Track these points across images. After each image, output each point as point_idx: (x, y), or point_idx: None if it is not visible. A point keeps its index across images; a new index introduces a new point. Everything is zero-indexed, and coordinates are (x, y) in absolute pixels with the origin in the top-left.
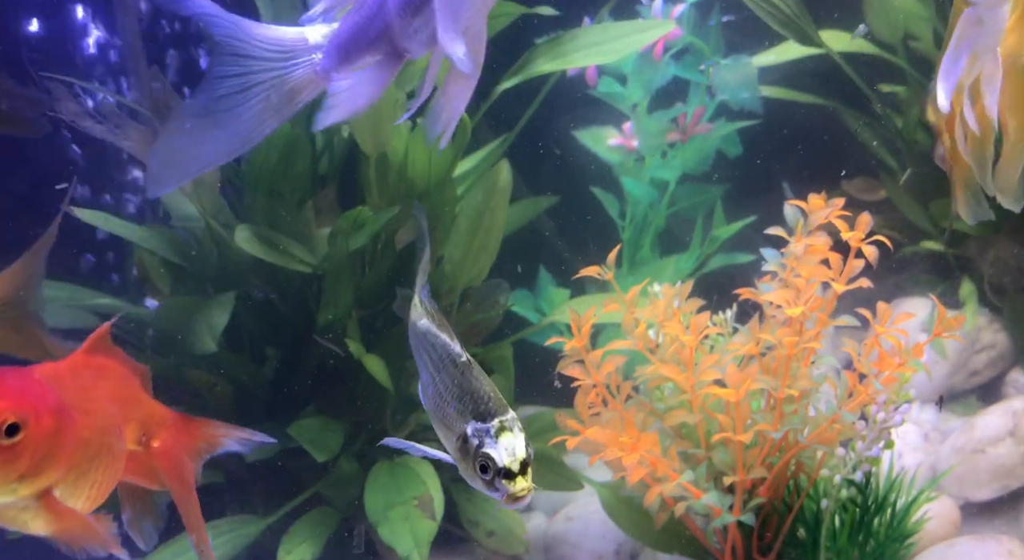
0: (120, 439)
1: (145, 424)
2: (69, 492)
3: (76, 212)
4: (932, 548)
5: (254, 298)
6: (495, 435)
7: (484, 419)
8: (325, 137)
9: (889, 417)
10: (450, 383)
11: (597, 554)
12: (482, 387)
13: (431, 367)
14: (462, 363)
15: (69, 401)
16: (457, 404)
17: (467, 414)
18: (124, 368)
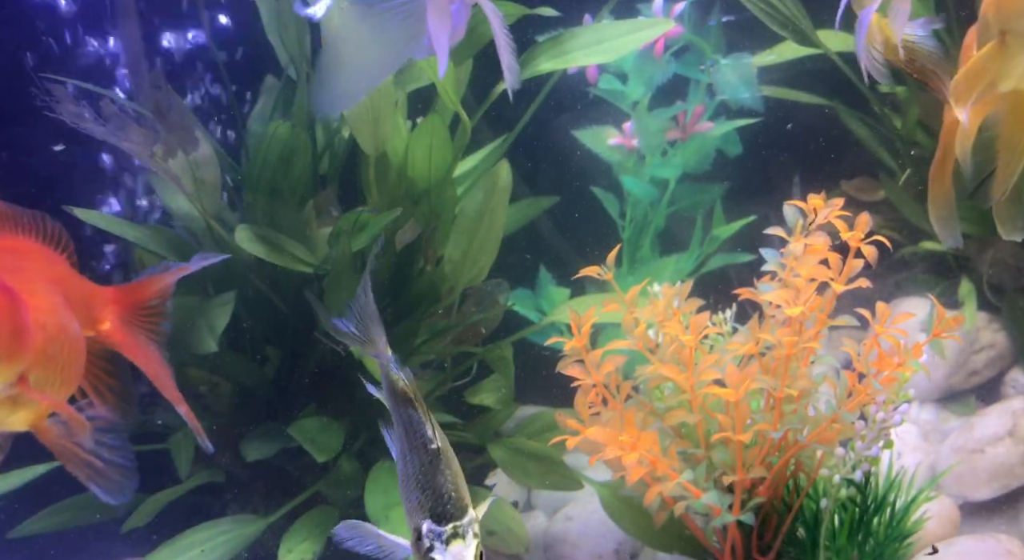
0: (72, 320)
1: (87, 305)
2: (41, 379)
3: (76, 212)
4: None
5: (254, 298)
6: (446, 541)
7: (440, 521)
8: (325, 137)
9: (888, 417)
10: (417, 470)
11: (597, 554)
12: (446, 483)
13: (404, 443)
14: (432, 451)
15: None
16: (419, 495)
17: (425, 509)
18: (47, 250)
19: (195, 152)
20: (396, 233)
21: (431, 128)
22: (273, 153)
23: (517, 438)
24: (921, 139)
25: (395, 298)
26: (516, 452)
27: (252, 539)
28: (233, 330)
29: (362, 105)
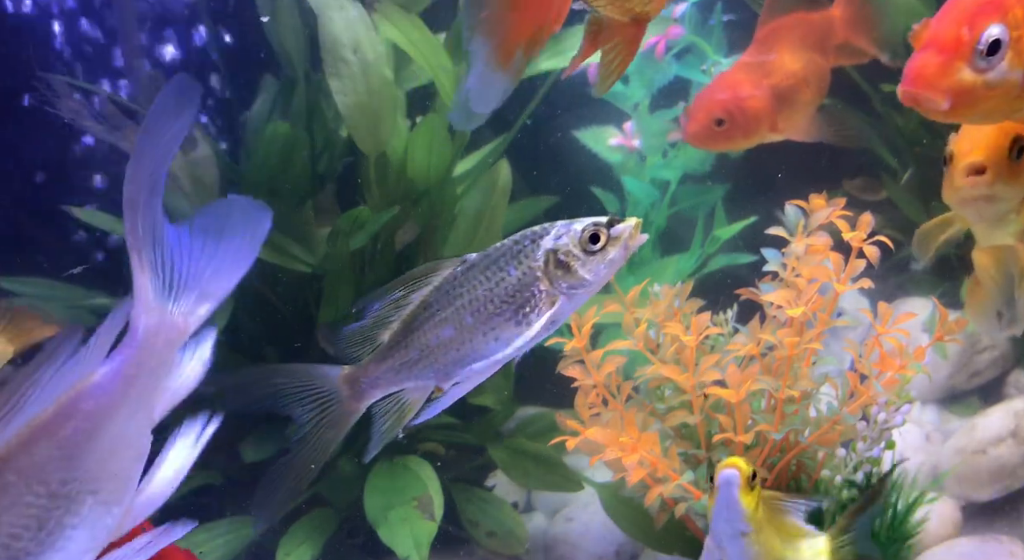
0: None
1: None
2: None
3: (76, 212)
4: (933, 549)
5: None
6: (608, 225)
7: (544, 234)
8: (324, 137)
9: (890, 418)
10: (492, 273)
11: (597, 555)
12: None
13: (469, 297)
14: (478, 257)
15: None
16: (515, 267)
17: (529, 254)
18: None
19: (193, 152)
20: (396, 233)
21: (431, 127)
22: (273, 153)
23: (517, 439)
24: (923, 138)
25: None
26: (516, 453)
27: (250, 541)
28: (232, 330)
29: (361, 105)
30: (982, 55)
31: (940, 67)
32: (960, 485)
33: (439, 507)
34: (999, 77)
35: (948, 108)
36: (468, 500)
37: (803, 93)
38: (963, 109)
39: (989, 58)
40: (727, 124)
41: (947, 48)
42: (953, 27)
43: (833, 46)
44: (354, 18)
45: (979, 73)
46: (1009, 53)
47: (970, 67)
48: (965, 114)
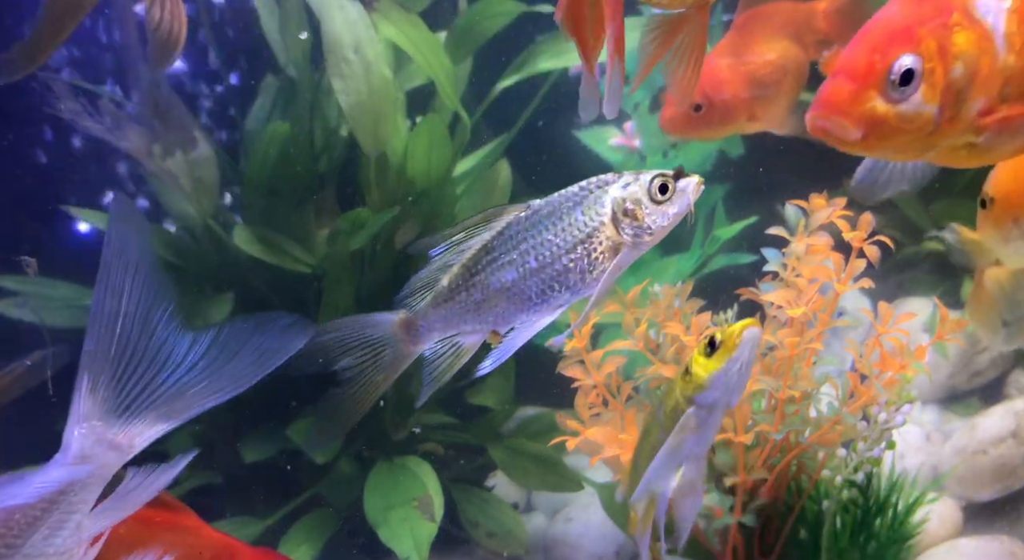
0: None
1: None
2: None
3: (76, 212)
4: (934, 549)
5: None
6: (637, 174)
7: (612, 182)
8: (324, 137)
9: (891, 418)
10: (563, 219)
11: (597, 555)
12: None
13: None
14: (546, 204)
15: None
16: (582, 212)
17: (597, 200)
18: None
19: (193, 152)
20: (396, 233)
21: (430, 127)
22: (272, 152)
23: (517, 439)
24: None
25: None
26: (516, 453)
27: (251, 541)
28: None
29: (363, 104)
30: (895, 86)
31: (852, 94)
32: (961, 485)
33: (439, 507)
34: (913, 109)
35: (860, 138)
36: (468, 500)
37: (782, 83)
38: (875, 141)
39: (902, 89)
40: (704, 110)
41: (858, 76)
42: (864, 55)
43: (813, 40)
44: (355, 18)
45: (892, 104)
46: (923, 85)
47: (882, 97)
48: (877, 147)
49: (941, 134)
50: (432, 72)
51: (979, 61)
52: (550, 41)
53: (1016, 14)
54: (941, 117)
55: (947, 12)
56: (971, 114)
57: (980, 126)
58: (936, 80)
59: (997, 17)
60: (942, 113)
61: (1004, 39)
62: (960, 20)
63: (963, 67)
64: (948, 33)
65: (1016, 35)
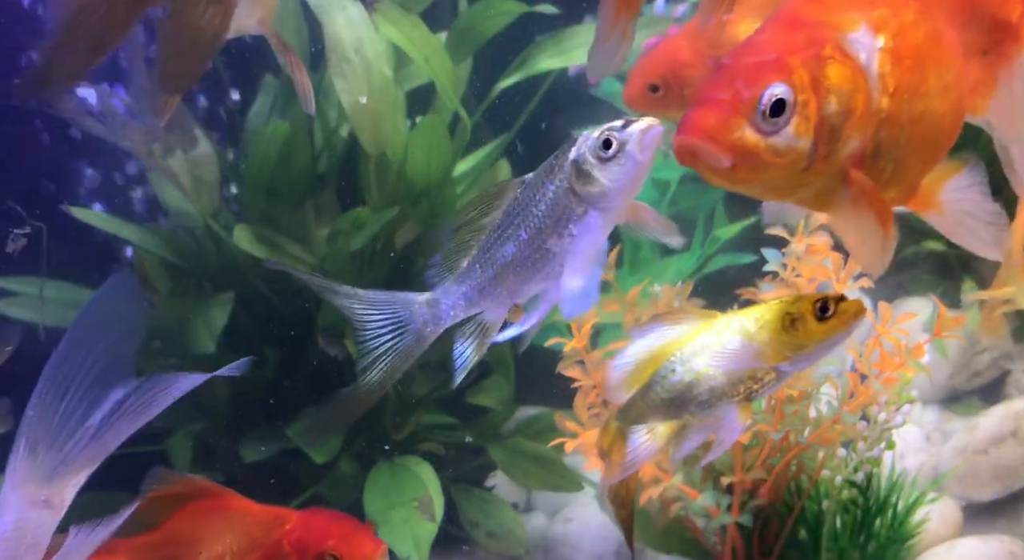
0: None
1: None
2: None
3: (75, 212)
4: (934, 549)
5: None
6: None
7: (572, 145)
8: (324, 136)
9: (890, 418)
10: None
11: (597, 555)
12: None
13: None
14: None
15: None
16: (551, 181)
17: (561, 166)
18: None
19: (194, 151)
20: (396, 233)
21: (431, 127)
22: (272, 152)
23: (517, 439)
24: None
25: None
26: (516, 453)
27: None
28: (231, 331)
29: (363, 104)
30: (765, 116)
31: (721, 121)
32: (961, 485)
33: (439, 507)
34: (785, 143)
35: (730, 167)
36: (468, 500)
37: None
38: (745, 173)
39: (773, 120)
40: (662, 91)
41: (726, 103)
42: (732, 82)
43: None
44: (356, 18)
45: (763, 135)
46: (796, 118)
47: (752, 126)
48: (747, 180)
49: (815, 172)
50: (432, 72)
51: (854, 98)
52: (550, 41)
53: (890, 55)
54: (815, 154)
55: (820, 43)
56: (845, 155)
57: (848, 179)
58: (809, 113)
59: (870, 56)
60: (816, 150)
61: (878, 79)
62: (833, 53)
63: (837, 102)
64: (821, 65)
65: (890, 77)
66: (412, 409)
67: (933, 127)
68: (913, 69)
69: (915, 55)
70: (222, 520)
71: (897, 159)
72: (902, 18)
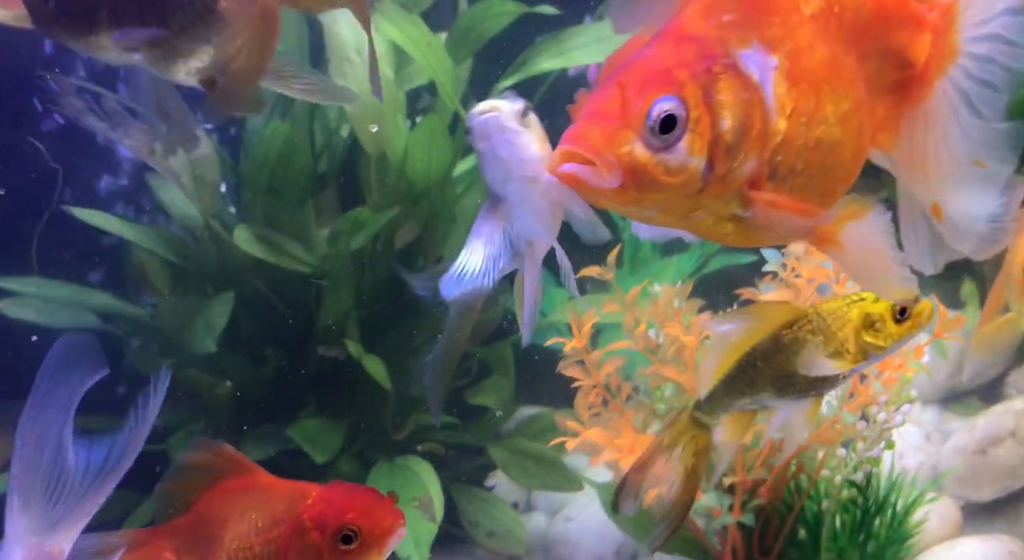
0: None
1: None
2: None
3: (76, 212)
4: (933, 549)
5: (253, 298)
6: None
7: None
8: (325, 136)
9: (890, 418)
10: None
11: (597, 555)
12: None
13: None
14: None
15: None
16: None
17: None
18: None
19: (195, 151)
20: (396, 233)
21: (431, 127)
22: (272, 152)
23: (517, 439)
24: None
25: (395, 298)
26: (516, 453)
27: None
28: (232, 330)
29: (365, 105)
30: (655, 132)
31: (607, 136)
32: (960, 485)
33: (439, 507)
34: (678, 160)
35: (617, 186)
36: (468, 500)
37: None
38: (636, 194)
39: (664, 136)
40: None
41: (613, 117)
42: (619, 95)
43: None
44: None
45: (654, 151)
46: (688, 135)
47: (642, 142)
48: (637, 201)
49: (710, 194)
50: (433, 72)
51: (750, 116)
52: (550, 41)
53: (785, 75)
54: (710, 174)
55: (711, 58)
56: (742, 177)
57: (748, 199)
58: (703, 130)
59: (765, 75)
60: (711, 170)
61: (773, 99)
62: (726, 69)
63: (732, 120)
64: (714, 80)
65: (786, 98)
66: (412, 409)
67: (832, 156)
68: (810, 93)
69: (812, 79)
70: (248, 497)
71: (794, 187)
72: (797, 40)
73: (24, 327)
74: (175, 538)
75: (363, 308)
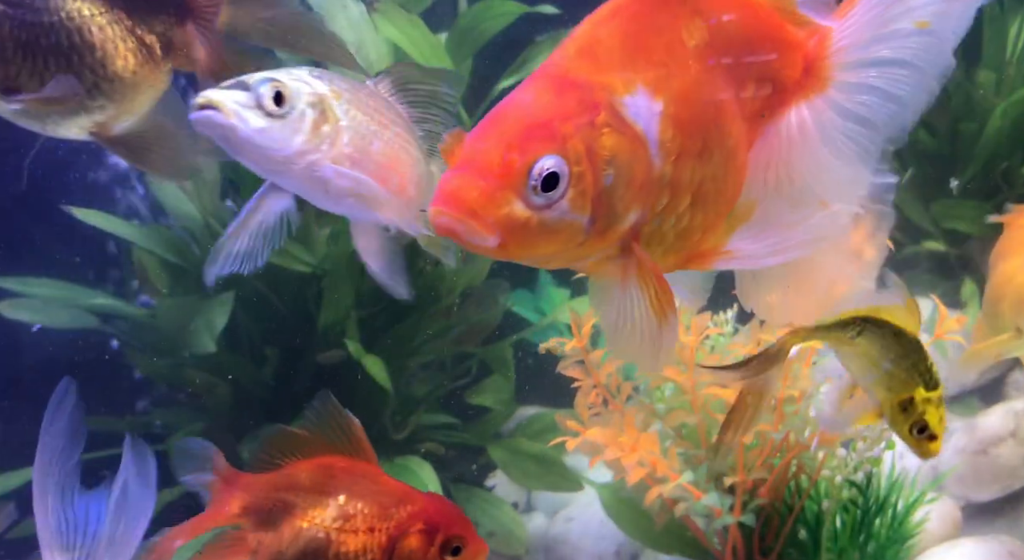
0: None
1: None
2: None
3: (75, 212)
4: (933, 549)
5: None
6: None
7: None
8: None
9: None
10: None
11: (597, 555)
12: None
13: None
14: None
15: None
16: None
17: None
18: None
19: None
20: None
21: None
22: None
23: (517, 439)
24: (923, 137)
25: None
26: (516, 453)
27: None
28: (232, 330)
29: None
30: (536, 190)
31: (485, 196)
32: (961, 485)
33: None
34: (560, 219)
35: (496, 246)
36: (468, 500)
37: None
38: (515, 249)
39: (546, 194)
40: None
41: (492, 174)
42: (499, 150)
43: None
44: (357, 18)
45: (535, 210)
46: (571, 192)
47: (522, 201)
48: (517, 255)
49: (592, 246)
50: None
51: (633, 168)
52: (550, 41)
53: (670, 120)
54: (592, 228)
55: (594, 109)
56: (624, 228)
57: (626, 249)
58: (586, 187)
59: (649, 121)
60: (593, 224)
61: (658, 146)
62: (609, 120)
63: (616, 174)
64: (597, 134)
65: (671, 143)
66: (412, 409)
67: (716, 193)
68: (695, 135)
69: (697, 120)
70: (357, 483)
71: (679, 227)
72: (681, 80)
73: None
74: (253, 492)
75: (363, 308)
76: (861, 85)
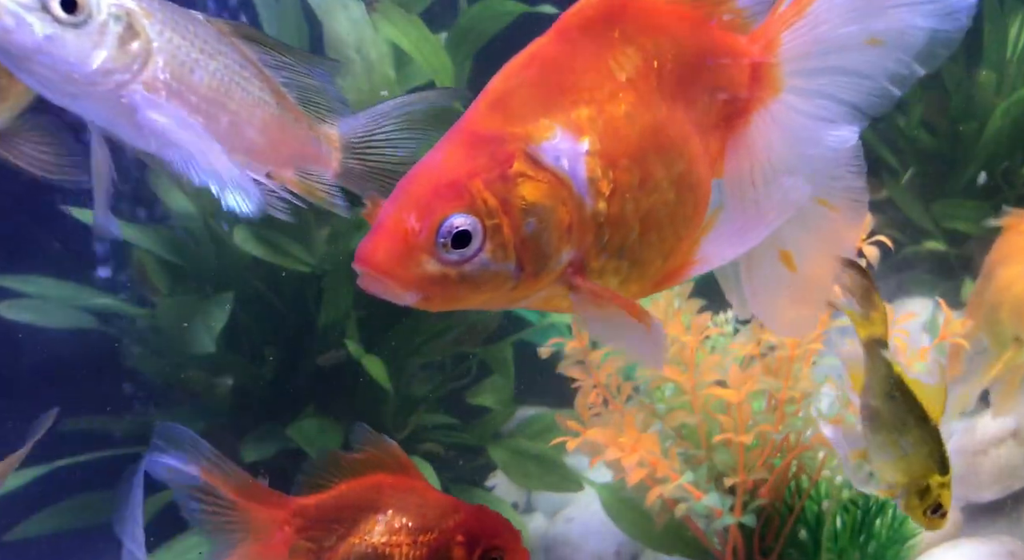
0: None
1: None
2: None
3: (75, 212)
4: (933, 549)
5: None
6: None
7: None
8: None
9: None
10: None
11: (597, 555)
12: None
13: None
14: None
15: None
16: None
17: None
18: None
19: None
20: None
21: None
22: None
23: (517, 439)
24: (924, 138)
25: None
26: (516, 453)
27: None
28: (231, 330)
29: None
30: (447, 248)
31: (397, 257)
32: (961, 485)
33: None
34: (481, 270)
35: (420, 301)
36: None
37: None
38: (442, 302)
39: (460, 250)
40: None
41: (400, 236)
42: (406, 213)
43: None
44: (357, 18)
45: (451, 265)
46: (488, 244)
47: (435, 259)
48: (447, 306)
49: (527, 288)
50: (433, 72)
51: (556, 212)
52: None
53: (600, 157)
54: (521, 274)
55: (506, 162)
56: (558, 269)
57: (572, 285)
58: (505, 238)
59: (575, 163)
60: (522, 270)
61: (587, 185)
62: (524, 169)
63: (537, 221)
64: (511, 185)
65: (603, 181)
66: (412, 409)
67: (671, 217)
68: (633, 167)
69: (634, 152)
70: (402, 497)
71: (634, 258)
72: (611, 113)
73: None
74: (302, 512)
75: (363, 308)
76: (814, 91)
